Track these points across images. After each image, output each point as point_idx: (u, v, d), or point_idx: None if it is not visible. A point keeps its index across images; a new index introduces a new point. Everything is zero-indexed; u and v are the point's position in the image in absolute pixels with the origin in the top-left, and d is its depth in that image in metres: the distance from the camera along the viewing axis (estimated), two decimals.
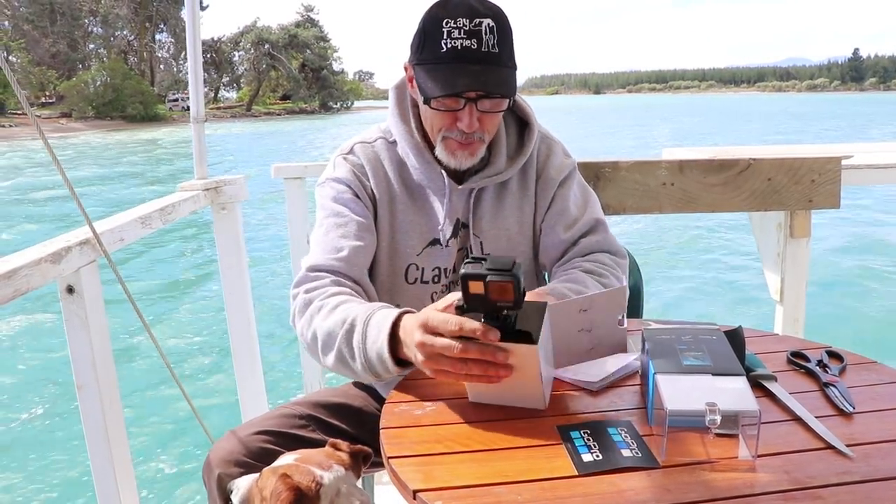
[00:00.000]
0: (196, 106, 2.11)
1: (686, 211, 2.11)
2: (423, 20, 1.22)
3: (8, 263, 1.23)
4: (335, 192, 1.33)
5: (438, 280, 1.37)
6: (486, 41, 1.17)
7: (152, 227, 1.73)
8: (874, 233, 9.71)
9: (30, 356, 5.70)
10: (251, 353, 2.28)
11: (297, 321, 1.22)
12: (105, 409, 1.49)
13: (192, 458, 3.86)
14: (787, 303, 2.23)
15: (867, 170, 2.21)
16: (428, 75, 1.21)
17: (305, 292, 1.22)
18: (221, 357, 5.40)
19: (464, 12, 1.18)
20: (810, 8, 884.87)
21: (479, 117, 1.24)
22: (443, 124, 1.26)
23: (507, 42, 1.20)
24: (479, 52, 1.17)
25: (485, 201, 1.37)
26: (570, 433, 0.88)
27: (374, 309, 1.10)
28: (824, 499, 0.73)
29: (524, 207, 1.39)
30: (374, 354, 1.05)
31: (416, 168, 1.35)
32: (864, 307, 6.48)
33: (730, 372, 0.87)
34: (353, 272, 1.26)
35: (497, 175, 1.35)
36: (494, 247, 1.36)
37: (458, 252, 1.37)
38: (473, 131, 1.24)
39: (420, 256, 1.35)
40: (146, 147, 30.13)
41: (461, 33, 1.17)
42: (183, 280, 8.23)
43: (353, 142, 1.40)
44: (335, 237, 1.28)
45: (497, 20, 1.19)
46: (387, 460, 0.84)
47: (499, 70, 1.20)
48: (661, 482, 0.77)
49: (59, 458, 3.97)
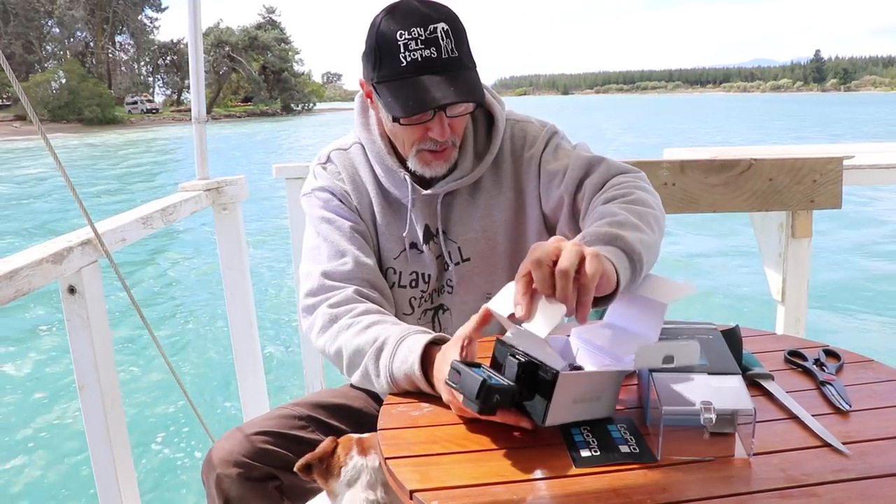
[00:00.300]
0: (197, 106, 2.12)
1: (687, 211, 2.11)
2: (374, 35, 1.17)
3: (9, 264, 1.23)
4: (322, 202, 1.33)
5: (416, 285, 1.35)
6: (444, 47, 1.14)
7: (154, 227, 1.73)
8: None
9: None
10: (252, 352, 2.29)
11: (320, 336, 1.20)
12: (107, 409, 1.50)
13: (193, 457, 3.87)
14: (789, 303, 2.23)
15: (869, 170, 2.21)
16: (393, 93, 1.17)
17: (329, 307, 1.20)
18: (224, 357, 5.41)
19: (416, 21, 1.14)
20: (777, 10, 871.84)
21: (450, 123, 1.21)
22: (414, 138, 1.24)
23: (463, 43, 1.17)
24: (440, 60, 1.14)
25: (457, 205, 1.33)
26: (570, 429, 0.88)
27: (408, 331, 1.09)
28: (820, 496, 0.73)
29: (501, 203, 1.34)
30: (402, 374, 1.04)
31: (382, 176, 1.33)
32: None
33: (726, 371, 0.87)
34: (369, 277, 1.27)
35: (463, 178, 1.31)
36: (474, 251, 1.33)
37: (436, 259, 1.34)
38: (446, 139, 1.22)
39: (397, 260, 1.34)
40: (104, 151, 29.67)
41: (418, 43, 1.13)
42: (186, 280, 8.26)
43: (330, 149, 1.39)
44: (336, 240, 1.28)
45: (450, 22, 1.15)
46: (384, 461, 0.85)
47: (463, 74, 1.17)
48: (658, 480, 0.77)
49: (59, 458, 3.98)
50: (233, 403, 4.34)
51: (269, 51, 76.85)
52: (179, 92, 77.93)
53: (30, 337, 6.16)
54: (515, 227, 1.35)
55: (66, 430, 4.31)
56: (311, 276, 1.26)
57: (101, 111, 53.54)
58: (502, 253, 1.35)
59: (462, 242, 1.33)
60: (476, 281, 1.35)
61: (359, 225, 1.32)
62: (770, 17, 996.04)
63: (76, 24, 65.93)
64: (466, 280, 1.35)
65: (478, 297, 1.35)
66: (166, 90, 79.74)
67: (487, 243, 1.34)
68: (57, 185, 16.66)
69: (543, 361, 0.85)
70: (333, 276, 1.25)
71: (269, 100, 77.22)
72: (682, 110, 67.93)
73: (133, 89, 68.39)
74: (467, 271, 1.34)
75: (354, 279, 1.25)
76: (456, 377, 0.86)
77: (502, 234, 1.34)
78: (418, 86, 1.14)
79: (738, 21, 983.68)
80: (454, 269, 1.34)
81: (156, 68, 77.87)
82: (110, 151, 28.25)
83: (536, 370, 0.85)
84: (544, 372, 0.84)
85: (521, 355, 0.87)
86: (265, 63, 76.55)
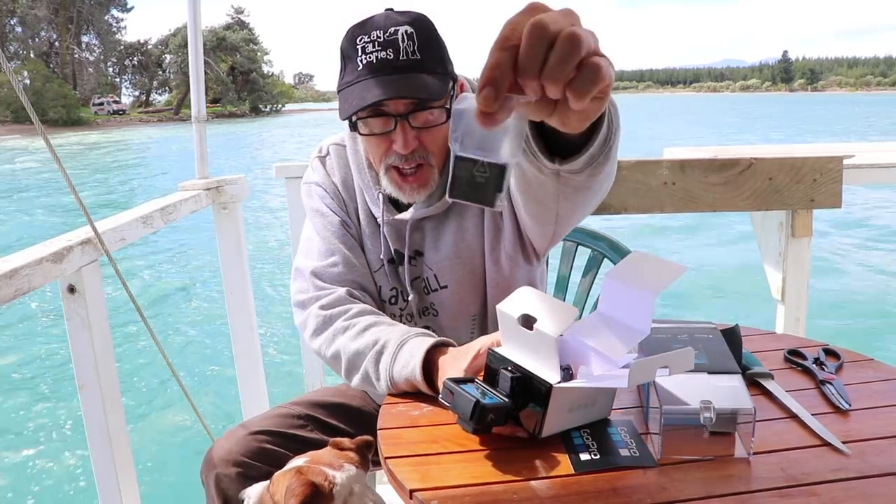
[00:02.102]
0: (197, 106, 2.12)
1: (687, 210, 2.11)
2: (341, 45, 1.14)
3: (9, 263, 1.23)
4: (317, 196, 1.33)
5: (396, 301, 1.31)
6: (403, 49, 1.08)
7: (153, 226, 1.73)
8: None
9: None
10: (252, 352, 2.29)
11: (315, 338, 1.20)
12: (106, 408, 1.50)
13: (193, 457, 3.87)
14: (789, 302, 2.22)
15: (869, 169, 2.21)
16: (344, 98, 1.12)
17: (321, 308, 1.20)
18: (223, 355, 5.41)
19: (378, 25, 1.10)
20: (747, 13, 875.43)
21: (418, 136, 1.13)
22: (379, 151, 1.16)
23: (432, 47, 1.11)
24: (396, 62, 1.08)
25: (429, 231, 1.27)
26: (569, 432, 0.88)
27: (409, 334, 1.08)
28: (819, 495, 0.73)
29: (468, 224, 1.25)
30: (402, 379, 1.03)
31: (361, 189, 1.29)
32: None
33: (725, 370, 0.87)
34: (358, 279, 1.26)
35: (431, 207, 1.23)
36: (451, 277, 1.27)
37: (413, 281, 1.29)
38: (412, 151, 1.13)
39: (378, 273, 1.30)
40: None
41: (375, 46, 1.09)
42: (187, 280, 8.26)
43: (331, 141, 1.37)
44: (327, 238, 1.28)
45: (416, 25, 1.10)
46: (384, 460, 0.85)
47: (419, 76, 1.09)
48: (657, 480, 0.77)
49: (59, 456, 3.98)
50: (233, 402, 4.34)
51: (237, 52, 76.12)
52: (148, 93, 77.34)
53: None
54: (491, 247, 1.26)
55: (64, 430, 4.31)
56: (302, 273, 1.26)
57: (66, 112, 52.77)
58: (481, 277, 1.28)
59: (437, 270, 1.28)
60: (458, 307, 1.30)
61: (350, 226, 1.30)
62: (740, 19, 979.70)
63: (40, 24, 64.96)
64: (447, 307, 1.30)
65: (464, 322, 1.31)
66: (134, 91, 78.85)
67: (464, 269, 1.27)
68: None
69: (537, 374, 0.83)
70: (323, 276, 1.24)
71: (237, 101, 76.36)
72: (652, 109, 68.22)
73: (99, 90, 67.49)
74: (446, 298, 1.29)
75: (344, 280, 1.24)
76: (449, 397, 0.85)
77: (478, 256, 1.27)
78: (369, 85, 1.09)
79: (709, 23, 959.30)
80: (433, 294, 1.30)
81: (122, 69, 76.89)
82: (69, 156, 27.74)
83: (530, 383, 0.83)
84: (538, 385, 0.82)
85: (514, 368, 0.85)
86: (234, 64, 75.79)
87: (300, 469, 0.96)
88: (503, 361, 0.87)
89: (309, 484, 0.92)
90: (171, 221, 1.85)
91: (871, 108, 64.13)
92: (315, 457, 1.01)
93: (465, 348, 1.01)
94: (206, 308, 6.98)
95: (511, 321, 0.87)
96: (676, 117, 47.12)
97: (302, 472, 0.95)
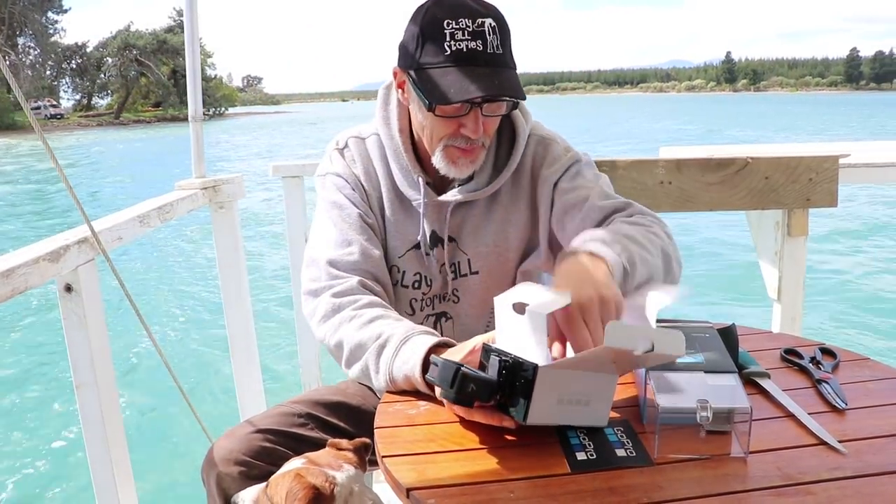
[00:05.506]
0: (194, 106, 2.12)
1: (684, 210, 2.11)
2: (418, 22, 1.16)
3: (6, 262, 1.23)
4: (336, 186, 1.32)
5: (419, 286, 1.34)
6: (490, 42, 1.12)
7: (150, 225, 1.73)
8: None
9: None
10: (249, 351, 2.29)
11: (321, 324, 1.20)
12: (104, 408, 1.49)
13: (192, 456, 3.87)
14: (785, 301, 2.23)
15: (865, 168, 2.22)
16: (433, 81, 1.14)
17: (333, 296, 1.20)
18: (220, 355, 5.40)
19: (464, 13, 1.13)
20: (693, 14, 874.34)
21: (484, 122, 1.18)
22: (446, 132, 1.20)
23: (508, 42, 1.16)
24: (485, 54, 1.12)
25: (471, 216, 1.31)
26: (566, 432, 0.88)
27: (412, 331, 1.09)
28: (815, 494, 0.73)
29: (517, 220, 1.32)
30: (401, 375, 1.04)
31: (397, 173, 1.32)
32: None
33: (722, 369, 0.87)
34: (374, 269, 1.26)
35: (477, 191, 1.28)
36: (483, 264, 1.32)
37: (441, 266, 1.32)
38: (478, 137, 1.19)
39: (402, 259, 1.33)
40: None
41: (465, 34, 1.12)
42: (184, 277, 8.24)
43: (349, 134, 1.38)
44: (344, 229, 1.28)
45: (497, 19, 1.14)
46: (381, 459, 0.85)
47: (506, 71, 1.15)
48: (654, 479, 0.78)
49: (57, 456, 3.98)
50: (229, 402, 4.33)
51: (179, 54, 73.33)
52: (90, 96, 75.40)
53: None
54: (528, 244, 1.33)
55: (62, 429, 4.31)
56: (317, 262, 1.26)
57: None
58: (512, 269, 1.34)
59: (473, 255, 1.32)
60: (482, 295, 1.33)
61: (368, 216, 1.31)
62: (686, 20, 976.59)
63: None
64: (472, 293, 1.34)
65: (483, 310, 1.34)
66: (75, 94, 77.01)
67: (498, 259, 1.32)
68: None
69: (524, 358, 0.85)
70: (338, 265, 1.24)
71: (179, 104, 73.81)
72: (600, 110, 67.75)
73: (35, 94, 64.73)
74: (474, 284, 1.34)
75: (359, 270, 1.24)
76: (434, 371, 0.86)
77: (514, 250, 1.33)
78: (462, 75, 1.12)
79: (657, 24, 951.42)
80: (461, 279, 1.33)
81: (61, 72, 74.52)
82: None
83: (518, 367, 0.84)
84: (525, 368, 0.83)
85: (505, 355, 0.86)
86: (175, 67, 73.95)
87: (299, 472, 0.95)
88: (495, 352, 0.88)
89: (311, 487, 0.91)
90: (168, 220, 1.85)
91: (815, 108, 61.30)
92: (313, 458, 1.01)
93: (461, 345, 1.01)
94: (202, 307, 6.97)
95: (506, 309, 0.90)
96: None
97: (301, 474, 0.94)
